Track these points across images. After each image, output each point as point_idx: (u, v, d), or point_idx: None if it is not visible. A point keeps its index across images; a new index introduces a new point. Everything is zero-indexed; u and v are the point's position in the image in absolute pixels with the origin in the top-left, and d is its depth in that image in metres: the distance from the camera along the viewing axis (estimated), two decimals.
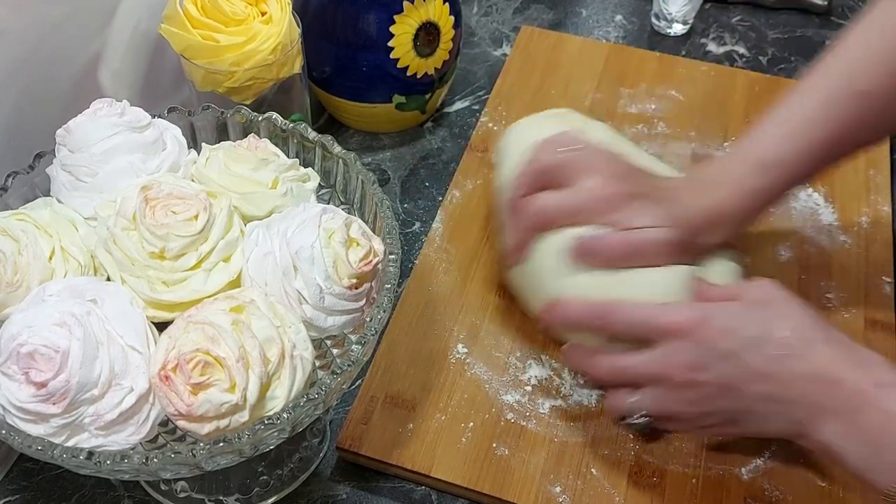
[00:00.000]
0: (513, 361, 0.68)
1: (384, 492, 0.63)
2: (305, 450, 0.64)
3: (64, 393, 0.46)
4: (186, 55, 0.68)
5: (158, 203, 0.52)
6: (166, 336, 0.48)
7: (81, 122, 0.56)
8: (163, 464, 0.46)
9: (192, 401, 0.46)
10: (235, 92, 0.70)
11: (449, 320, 0.70)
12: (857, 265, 0.74)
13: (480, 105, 0.89)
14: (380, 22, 0.77)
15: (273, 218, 0.55)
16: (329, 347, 0.57)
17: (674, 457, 0.62)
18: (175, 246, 0.51)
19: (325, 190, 0.63)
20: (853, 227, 0.77)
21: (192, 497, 0.62)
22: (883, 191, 0.80)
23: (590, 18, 1.01)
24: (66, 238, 0.54)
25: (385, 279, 0.54)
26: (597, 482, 0.61)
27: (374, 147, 0.86)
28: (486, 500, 0.61)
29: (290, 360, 0.49)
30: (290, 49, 0.70)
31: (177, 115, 0.62)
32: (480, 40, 0.98)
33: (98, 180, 0.56)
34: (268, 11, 0.70)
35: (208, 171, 0.57)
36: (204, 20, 0.68)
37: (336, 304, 0.52)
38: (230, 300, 0.49)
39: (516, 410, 0.65)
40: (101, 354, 0.47)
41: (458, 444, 0.63)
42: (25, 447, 0.46)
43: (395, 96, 0.82)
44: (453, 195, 0.79)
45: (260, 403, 0.48)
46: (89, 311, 0.48)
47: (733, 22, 1.00)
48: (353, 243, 0.53)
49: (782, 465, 0.62)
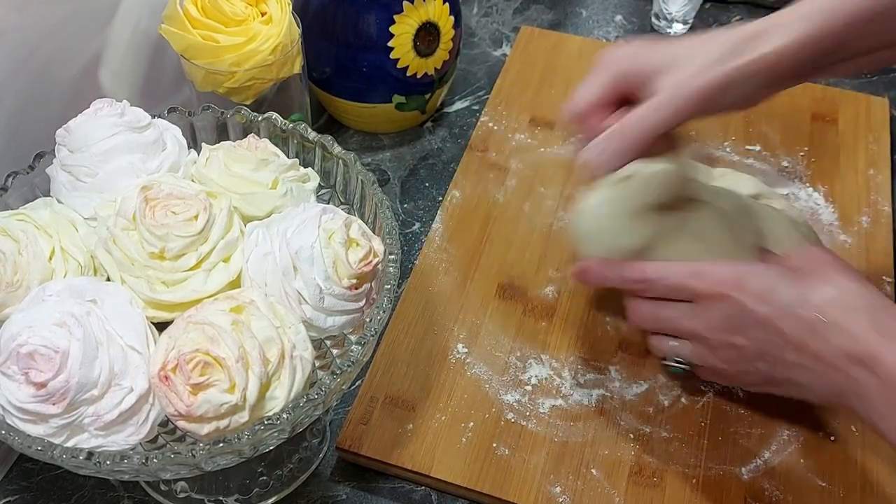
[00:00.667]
0: (513, 361, 0.68)
1: (384, 492, 0.63)
2: (305, 450, 0.64)
3: (64, 393, 0.46)
4: (186, 55, 0.68)
5: (158, 203, 0.52)
6: (166, 336, 0.48)
7: (81, 122, 0.56)
8: (162, 464, 0.46)
9: (191, 401, 0.46)
10: (235, 92, 0.70)
11: (449, 320, 0.70)
12: (857, 265, 0.74)
13: (480, 105, 0.89)
14: (380, 22, 0.77)
15: (273, 218, 0.55)
16: (329, 348, 0.57)
17: (674, 457, 0.62)
18: (175, 246, 0.51)
19: (325, 190, 0.63)
20: (853, 227, 0.77)
21: (192, 497, 0.62)
22: (883, 191, 0.80)
23: (590, 18, 1.01)
24: (66, 238, 0.54)
25: (385, 279, 0.54)
26: (597, 482, 0.61)
27: (374, 147, 0.86)
28: (486, 500, 0.61)
29: (289, 360, 0.49)
30: (290, 49, 0.70)
31: (177, 115, 0.62)
32: (480, 40, 0.98)
33: (98, 180, 0.56)
34: (268, 12, 0.70)
35: (208, 171, 0.57)
36: (204, 20, 0.68)
37: (336, 305, 0.52)
38: (230, 300, 0.49)
39: (516, 410, 0.65)
40: (101, 354, 0.47)
41: (458, 444, 0.63)
42: (25, 447, 0.46)
43: (395, 96, 0.82)
44: (453, 195, 0.79)
45: (260, 404, 0.48)
46: (89, 311, 0.48)
47: (733, 22, 1.00)
48: (353, 243, 0.53)
49: (782, 465, 0.62)
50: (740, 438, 0.63)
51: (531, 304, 0.71)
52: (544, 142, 0.84)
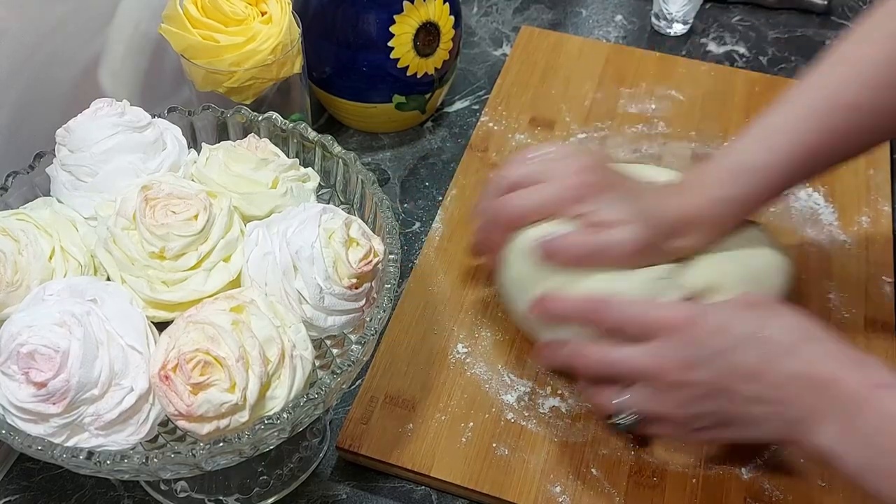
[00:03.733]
0: (513, 361, 0.68)
1: (384, 492, 0.63)
2: (305, 450, 0.64)
3: (64, 393, 0.46)
4: (186, 55, 0.68)
5: (158, 203, 0.52)
6: (166, 336, 0.48)
7: (81, 122, 0.56)
8: (163, 464, 0.46)
9: (192, 401, 0.46)
10: (235, 92, 0.70)
11: (449, 320, 0.70)
12: (857, 265, 0.74)
13: (480, 105, 0.89)
14: (380, 22, 0.77)
15: (273, 218, 0.55)
16: (329, 347, 0.57)
17: (674, 457, 0.62)
18: (175, 246, 0.51)
19: (325, 190, 0.63)
20: (853, 227, 0.77)
21: (192, 497, 0.62)
22: (883, 191, 0.80)
23: (590, 18, 1.01)
24: (66, 238, 0.54)
25: (385, 279, 0.54)
26: (597, 482, 0.61)
27: (374, 147, 0.86)
28: (486, 500, 0.61)
29: (290, 360, 0.49)
30: (290, 49, 0.70)
31: (177, 115, 0.62)
32: (480, 40, 0.98)
33: (98, 180, 0.56)
34: (268, 11, 0.70)
35: (208, 170, 0.57)
36: (204, 20, 0.68)
37: (336, 304, 0.52)
38: (230, 300, 0.49)
39: (516, 410, 0.65)
40: (101, 354, 0.47)
41: (458, 444, 0.63)
42: (25, 447, 0.46)
43: (395, 96, 0.82)
44: (453, 195, 0.79)
45: (260, 403, 0.48)
46: (89, 310, 0.48)
47: (733, 22, 1.00)
48: (353, 243, 0.53)
49: (782, 465, 0.62)
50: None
51: None
52: (544, 142, 0.84)
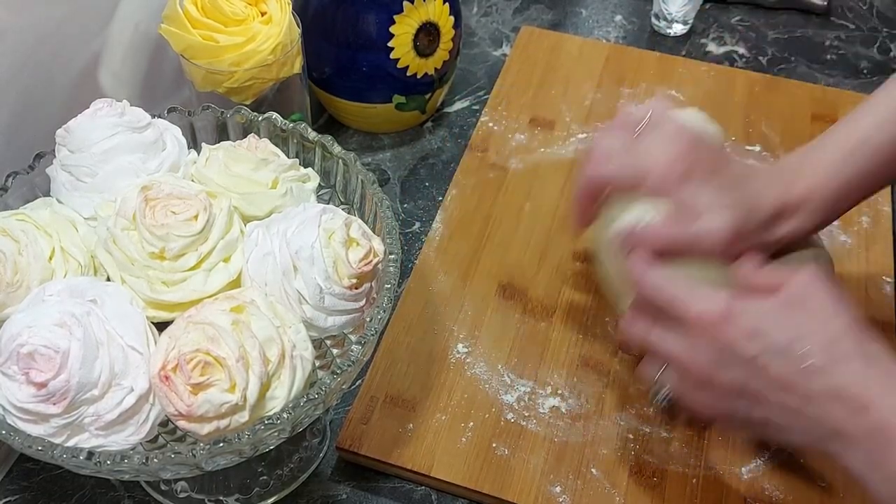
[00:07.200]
0: (513, 361, 0.68)
1: (384, 492, 0.63)
2: (305, 450, 0.64)
3: (64, 393, 0.46)
4: (186, 55, 0.68)
5: (158, 203, 0.52)
6: (166, 336, 0.48)
7: (81, 122, 0.56)
8: (163, 464, 0.46)
9: (192, 401, 0.46)
10: (235, 92, 0.70)
11: (449, 320, 0.70)
12: (857, 265, 0.74)
13: (480, 105, 0.89)
14: (380, 22, 0.77)
15: (273, 218, 0.55)
16: (329, 347, 0.57)
17: (674, 457, 0.62)
18: (175, 246, 0.51)
19: (325, 190, 0.63)
20: (853, 227, 0.77)
21: (192, 497, 0.62)
22: (883, 191, 0.80)
23: (590, 18, 1.01)
24: (66, 238, 0.54)
25: (385, 279, 0.54)
26: (597, 482, 0.61)
27: (374, 147, 0.86)
28: (486, 500, 0.61)
29: (290, 360, 0.49)
30: (289, 49, 0.70)
31: (177, 115, 0.62)
32: (480, 40, 0.98)
33: (98, 180, 0.56)
34: (268, 11, 0.70)
35: (208, 171, 0.57)
36: (204, 20, 0.68)
37: (336, 304, 0.52)
38: (230, 300, 0.49)
39: (516, 410, 0.65)
40: (101, 354, 0.47)
41: (458, 444, 0.63)
42: (25, 447, 0.46)
43: (395, 96, 0.82)
44: (453, 195, 0.79)
45: (260, 403, 0.48)
46: (89, 311, 0.48)
47: (733, 22, 1.00)
48: (353, 243, 0.53)
49: (782, 465, 0.62)
50: (740, 438, 0.63)
51: (531, 304, 0.71)
52: (544, 142, 0.84)
